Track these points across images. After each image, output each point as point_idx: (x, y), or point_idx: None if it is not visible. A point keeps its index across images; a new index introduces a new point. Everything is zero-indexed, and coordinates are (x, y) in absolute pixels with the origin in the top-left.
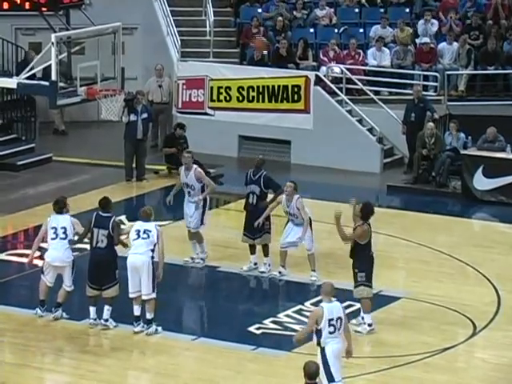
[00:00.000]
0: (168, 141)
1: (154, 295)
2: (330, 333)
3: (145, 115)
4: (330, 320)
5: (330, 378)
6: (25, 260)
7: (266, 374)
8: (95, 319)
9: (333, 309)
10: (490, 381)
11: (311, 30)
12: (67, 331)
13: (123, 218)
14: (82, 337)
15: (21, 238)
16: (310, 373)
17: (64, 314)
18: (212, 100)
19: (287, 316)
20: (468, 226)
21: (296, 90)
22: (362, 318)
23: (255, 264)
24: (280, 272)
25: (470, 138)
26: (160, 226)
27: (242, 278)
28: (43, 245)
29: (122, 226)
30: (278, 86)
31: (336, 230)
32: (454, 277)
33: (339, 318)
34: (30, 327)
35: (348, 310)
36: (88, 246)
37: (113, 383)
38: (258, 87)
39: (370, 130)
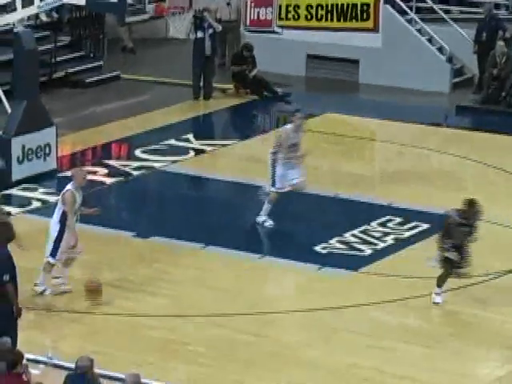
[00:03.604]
0: (236, 59)
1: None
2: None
3: (211, 31)
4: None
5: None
6: (93, 177)
7: (331, 293)
8: None
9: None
10: None
11: None
12: (137, 249)
13: (190, 136)
14: None
15: (89, 155)
16: None
17: None
18: (280, 18)
19: (353, 236)
20: None
21: (365, 8)
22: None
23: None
24: None
25: None
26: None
27: (307, 197)
28: None
29: None
30: (347, 5)
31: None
32: None
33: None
34: (102, 244)
35: (413, 232)
36: None
37: (183, 299)
38: (326, 5)
39: (440, 50)
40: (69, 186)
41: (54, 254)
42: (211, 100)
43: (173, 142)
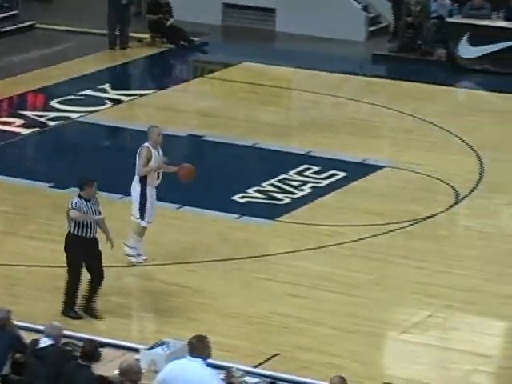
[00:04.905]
0: (152, 7)
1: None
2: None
3: None
4: None
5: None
6: (8, 128)
7: (251, 241)
8: None
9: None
10: (473, 248)
11: None
12: (54, 199)
13: (107, 86)
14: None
15: (4, 105)
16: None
17: None
18: None
19: (271, 185)
20: (453, 94)
21: None
22: None
23: None
24: None
25: (456, 5)
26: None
27: (225, 147)
28: None
29: None
30: None
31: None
32: (438, 146)
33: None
34: (18, 195)
35: (330, 180)
36: None
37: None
38: None
39: None
40: (145, 143)
41: (142, 215)
42: (128, 49)
43: (89, 92)
